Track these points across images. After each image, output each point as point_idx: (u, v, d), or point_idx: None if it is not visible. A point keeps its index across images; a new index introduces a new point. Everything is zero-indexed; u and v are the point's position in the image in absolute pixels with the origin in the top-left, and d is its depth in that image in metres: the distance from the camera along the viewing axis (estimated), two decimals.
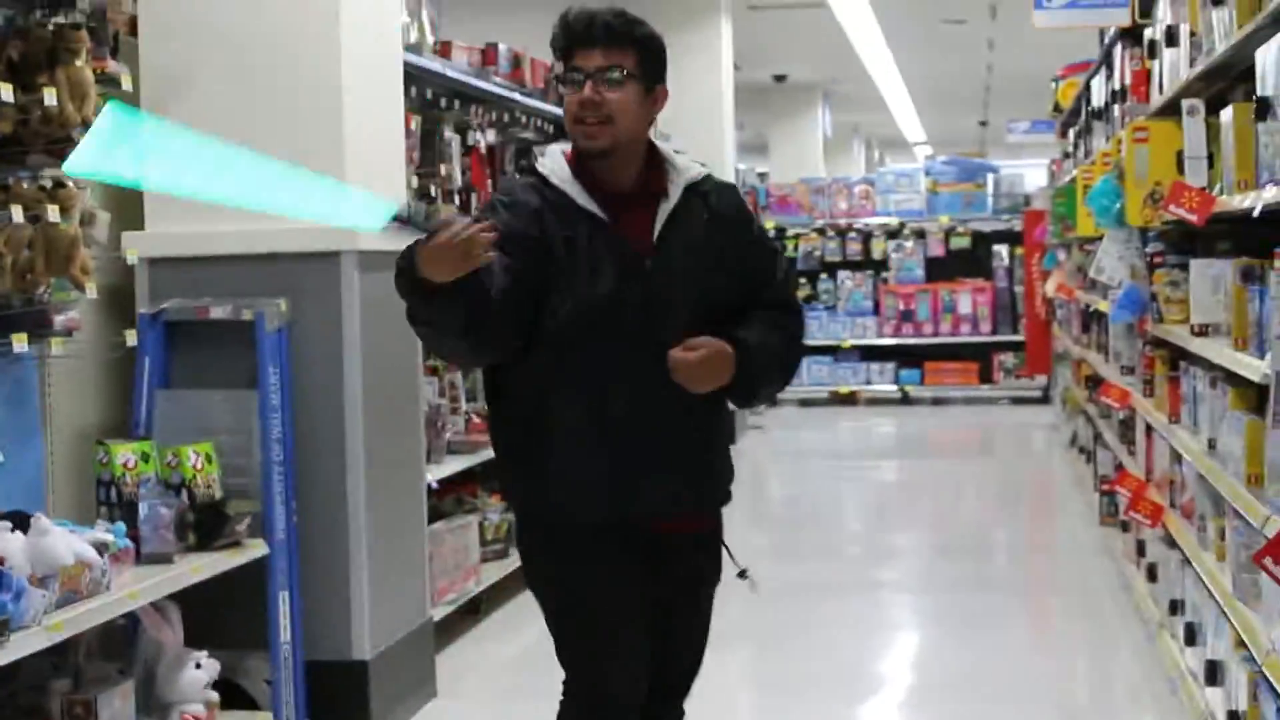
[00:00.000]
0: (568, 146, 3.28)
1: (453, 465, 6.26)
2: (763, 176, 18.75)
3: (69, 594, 3.74)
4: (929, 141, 27.48)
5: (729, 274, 3.29)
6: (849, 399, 15.83)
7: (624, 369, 3.18)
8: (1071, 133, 11.45)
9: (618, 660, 3.28)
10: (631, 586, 3.27)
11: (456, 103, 6.89)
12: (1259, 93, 3.91)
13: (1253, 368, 3.84)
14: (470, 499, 6.80)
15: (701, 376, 3.15)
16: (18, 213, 4.06)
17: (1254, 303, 4.03)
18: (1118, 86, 7.56)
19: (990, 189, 16.28)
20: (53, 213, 4.16)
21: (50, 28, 4.25)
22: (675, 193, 3.25)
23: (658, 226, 3.23)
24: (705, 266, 3.25)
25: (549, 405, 3.21)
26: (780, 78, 18.94)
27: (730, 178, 12.65)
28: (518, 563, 6.94)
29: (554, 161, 3.26)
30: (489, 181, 7.26)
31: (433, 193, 6.56)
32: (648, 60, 3.21)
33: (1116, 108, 7.60)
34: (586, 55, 3.16)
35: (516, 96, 7.39)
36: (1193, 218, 4.74)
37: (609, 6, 3.24)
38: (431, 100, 6.66)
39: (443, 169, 6.65)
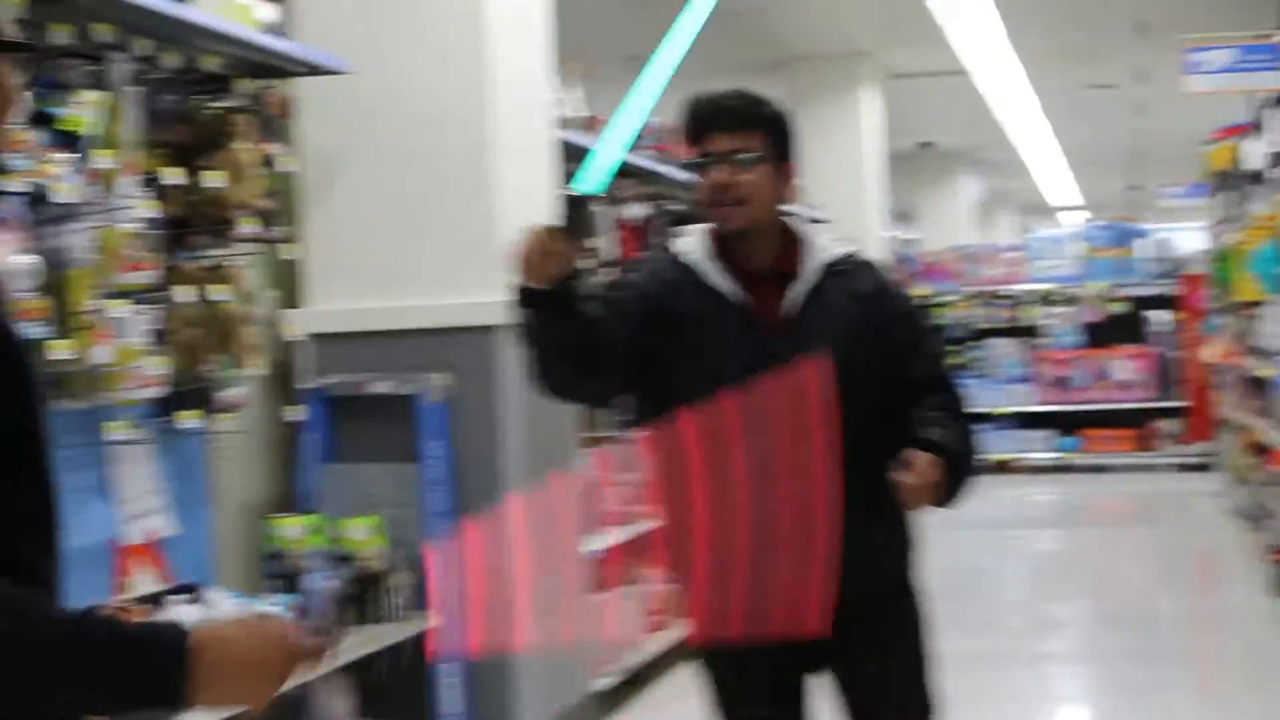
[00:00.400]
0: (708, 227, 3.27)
1: (611, 537, 6.25)
2: (911, 244, 18.66)
3: None
4: (1076, 206, 27.19)
5: (870, 353, 3.19)
6: (1003, 467, 15.62)
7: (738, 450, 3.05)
8: (1224, 197, 11.27)
9: None
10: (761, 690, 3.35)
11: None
12: None
13: None
14: (631, 569, 6.78)
15: (927, 497, 3.07)
16: (185, 292, 4.14)
17: None
18: (1275, 150, 7.43)
19: (1143, 254, 16.04)
20: (218, 292, 4.25)
21: (213, 112, 4.36)
22: (810, 273, 3.21)
23: (786, 308, 3.19)
24: (841, 349, 3.12)
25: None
26: (926, 145, 18.88)
27: (878, 246, 12.61)
28: (678, 634, 6.91)
29: (694, 240, 3.26)
30: (639, 253, 7.29)
31: (584, 266, 6.59)
32: (776, 139, 3.21)
33: (1274, 172, 7.47)
34: (716, 139, 3.16)
35: (665, 169, 7.43)
36: None
37: (737, 90, 3.26)
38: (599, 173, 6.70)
39: (595, 242, 6.69)
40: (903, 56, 12.85)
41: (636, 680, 6.55)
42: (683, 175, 7.60)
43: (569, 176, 5.95)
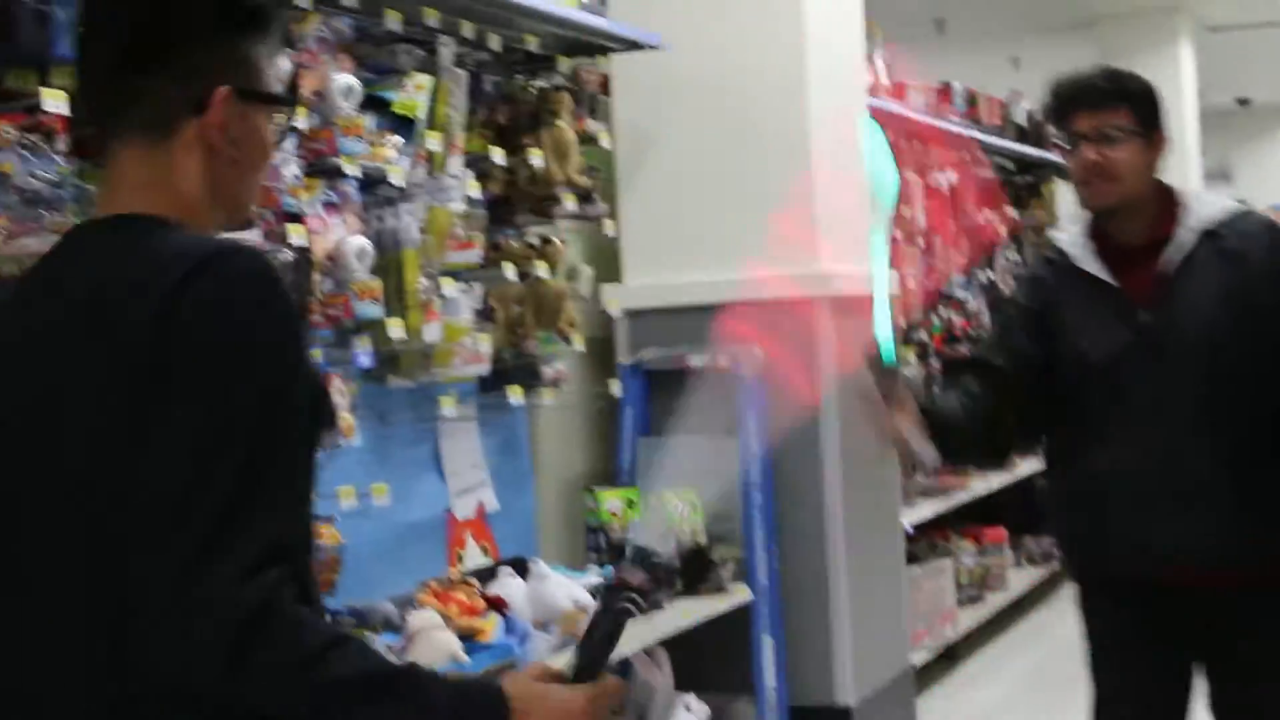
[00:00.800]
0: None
1: (926, 509, 6.19)
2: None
3: (567, 638, 3.83)
4: None
5: (1258, 325, 3.09)
6: None
7: (1127, 432, 3.12)
8: None
9: None
10: (1136, 655, 3.23)
11: (915, 143, 6.83)
12: None
13: None
14: (944, 543, 6.70)
15: None
16: (508, 270, 4.22)
17: None
18: None
19: None
20: (541, 269, 4.32)
21: (533, 92, 4.43)
22: (1183, 239, 3.13)
23: (1160, 276, 3.13)
24: (1220, 320, 3.08)
25: (1063, 461, 3.30)
26: (1244, 101, 18.14)
27: None
28: (993, 608, 6.80)
29: (1072, 225, 3.35)
30: (951, 222, 7.17)
31: (897, 237, 6.51)
32: (1142, 112, 3.19)
33: None
34: (1082, 118, 3.17)
35: (975, 134, 7.29)
36: None
37: (1100, 67, 3.32)
38: (892, 142, 6.61)
39: (904, 211, 6.60)
40: (1219, 8, 12.34)
41: (951, 656, 6.48)
42: (990, 139, 7.46)
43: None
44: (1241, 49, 14.28)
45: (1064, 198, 8.54)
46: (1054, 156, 8.41)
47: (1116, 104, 3.16)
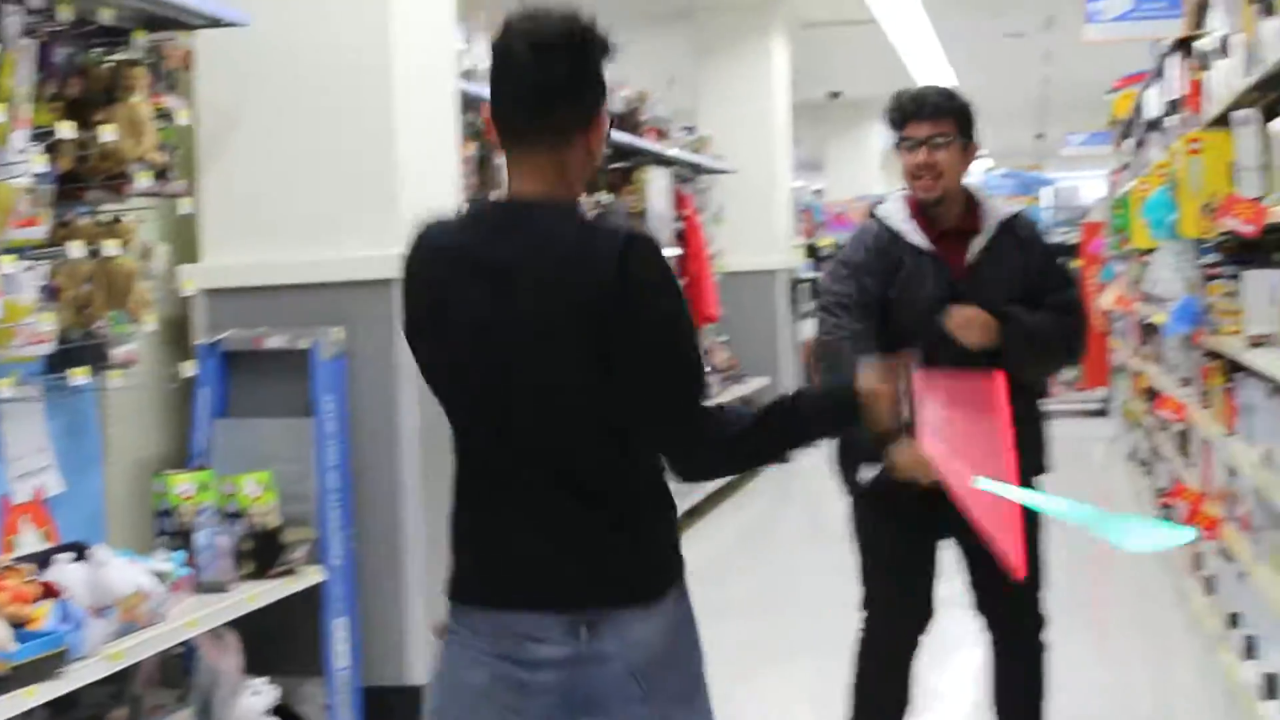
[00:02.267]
0: (903, 193, 4.21)
1: None
2: (819, 194, 18.74)
3: (128, 623, 3.80)
4: (986, 155, 27.39)
5: (1028, 290, 4.13)
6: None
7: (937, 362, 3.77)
8: (1127, 144, 11.40)
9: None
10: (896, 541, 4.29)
11: None
12: None
13: None
14: None
15: (972, 329, 3.97)
16: (77, 248, 4.12)
17: None
18: (1172, 98, 7.52)
19: (1047, 201, 16.20)
20: (111, 247, 4.23)
21: (108, 65, 4.33)
22: (986, 229, 4.16)
23: (969, 257, 4.13)
24: (1009, 288, 4.11)
25: None
26: (834, 94, 18.93)
27: (786, 195, 12.66)
28: None
29: (894, 205, 4.22)
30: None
31: None
32: (963, 124, 4.13)
33: (1171, 119, 7.57)
34: (918, 126, 4.10)
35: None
36: (1246, 229, 4.73)
37: (933, 86, 4.26)
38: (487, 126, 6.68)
39: (491, 191, 6.70)
40: (812, 5, 12.87)
41: None
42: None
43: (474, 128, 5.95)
44: (833, 44, 14.93)
45: (655, 184, 8.77)
46: (647, 143, 8.68)
47: (946, 116, 4.10)
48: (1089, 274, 15.21)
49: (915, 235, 4.14)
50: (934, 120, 4.10)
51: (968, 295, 4.08)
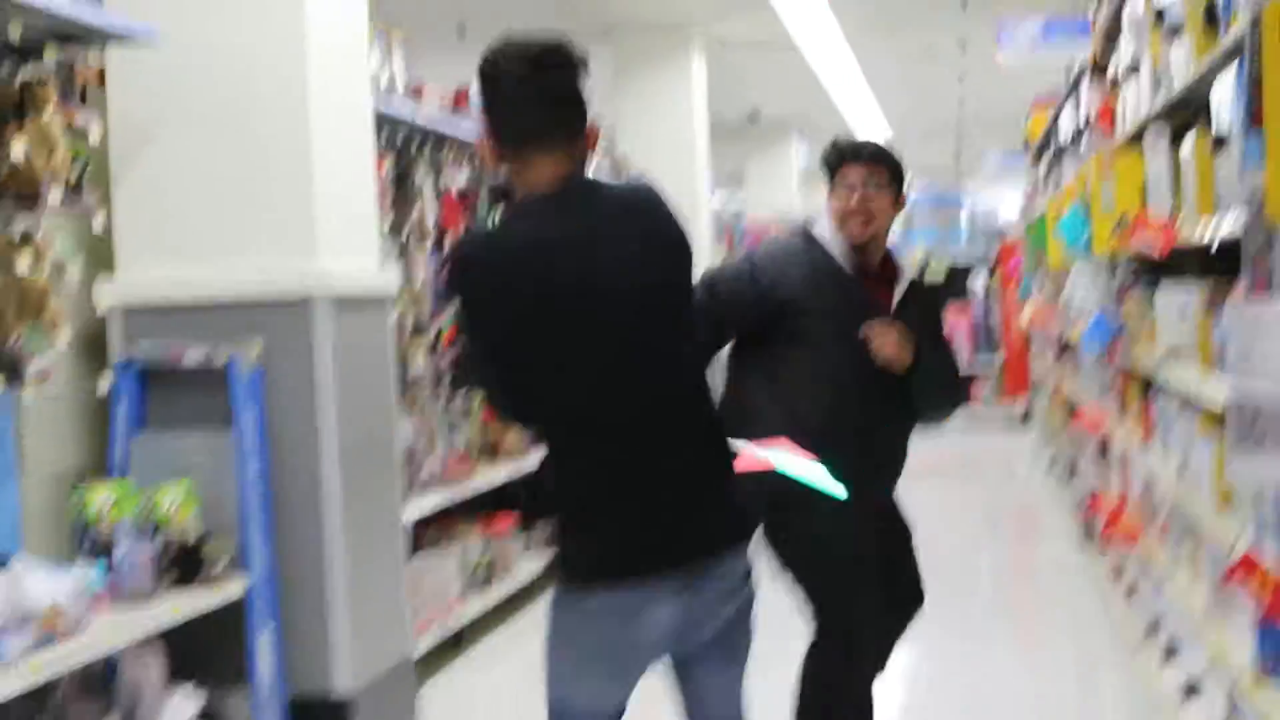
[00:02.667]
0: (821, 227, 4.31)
1: (432, 500, 6.31)
2: (738, 216, 18.85)
3: (47, 635, 3.79)
4: (908, 179, 27.61)
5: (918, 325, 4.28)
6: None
7: (856, 397, 4.19)
8: (1042, 164, 11.56)
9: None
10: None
11: (429, 146, 6.96)
12: (1214, 127, 3.96)
13: (1220, 392, 3.86)
14: (453, 534, 6.85)
15: (890, 340, 4.10)
16: None
17: (1219, 328, 4.07)
18: (1085, 119, 7.65)
19: (965, 219, 16.39)
20: (23, 263, 4.23)
21: (18, 81, 4.33)
22: (905, 277, 4.34)
23: (896, 298, 4.30)
24: (913, 326, 4.26)
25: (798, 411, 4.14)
26: (753, 114, 19.06)
27: (704, 211, 12.75)
28: (500, 595, 6.98)
29: (829, 233, 4.28)
30: (461, 224, 7.33)
31: (403, 235, 6.63)
32: (895, 175, 4.28)
33: (1084, 139, 7.69)
34: (854, 169, 4.24)
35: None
36: (1155, 249, 4.80)
37: (868, 140, 4.40)
38: (404, 144, 6.72)
39: (416, 212, 6.73)
40: (730, 26, 12.96)
41: (457, 642, 6.63)
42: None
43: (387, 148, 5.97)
44: (752, 64, 15.03)
45: None
46: None
47: (880, 163, 4.25)
48: (1007, 290, 15.40)
49: (847, 263, 4.26)
50: (870, 165, 4.25)
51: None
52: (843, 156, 4.29)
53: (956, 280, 15.12)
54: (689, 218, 3.71)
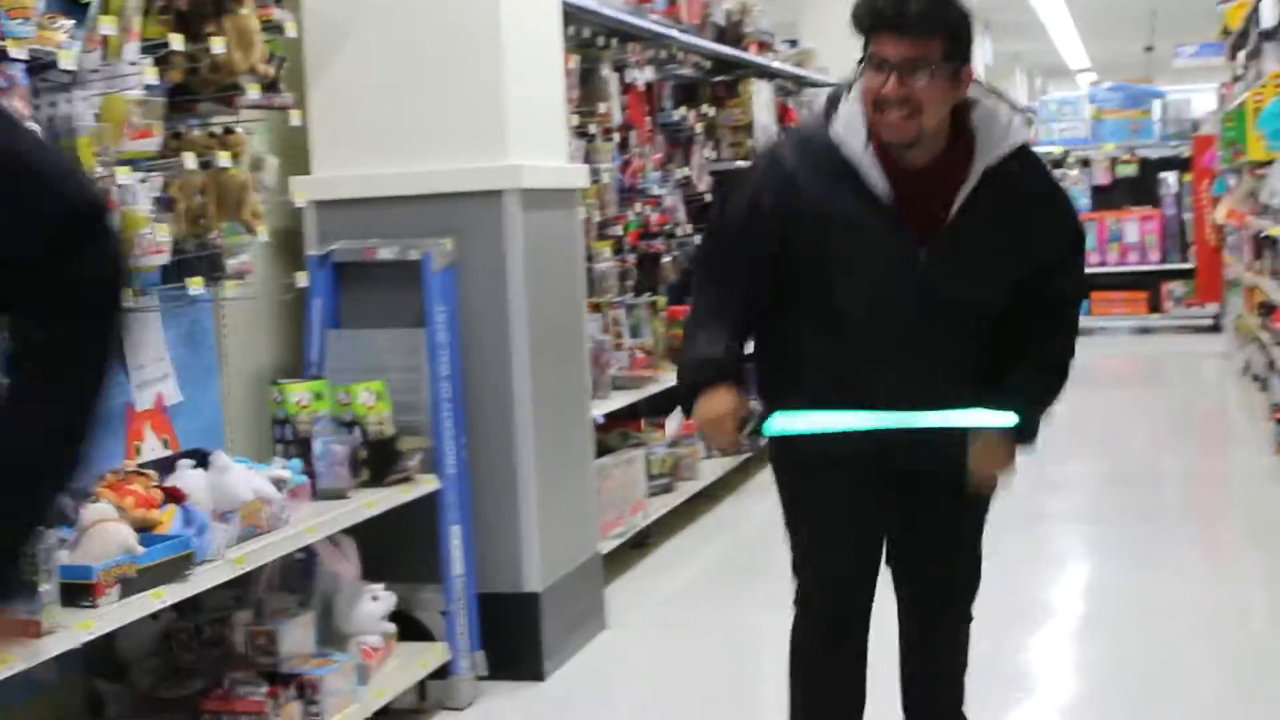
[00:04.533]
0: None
1: (618, 400, 6.31)
2: None
3: (249, 529, 3.84)
4: (1093, 68, 26.91)
5: (1020, 263, 3.20)
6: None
7: (884, 366, 3.22)
8: (1241, 55, 11.15)
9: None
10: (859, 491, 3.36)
11: (614, 40, 6.89)
12: None
13: None
14: (635, 434, 6.85)
15: (993, 481, 3.45)
16: (189, 159, 4.15)
17: None
18: None
19: (1157, 115, 15.92)
20: (223, 158, 4.26)
21: None
22: (975, 174, 3.09)
23: (951, 213, 3.10)
24: (993, 262, 3.15)
25: (802, 366, 3.30)
26: None
27: None
28: (683, 497, 6.98)
29: (849, 125, 3.11)
30: (647, 118, 7.26)
31: (591, 131, 6.58)
32: (956, 44, 3.04)
33: None
34: (894, 43, 2.99)
35: (673, 33, 7.37)
36: None
37: None
38: (589, 38, 6.67)
39: (601, 107, 6.67)
40: None
41: (641, 543, 6.64)
42: (688, 39, 7.54)
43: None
44: None
45: (760, 97, 8.69)
46: (751, 56, 8.59)
47: (934, 33, 2.99)
48: (1200, 188, 14.96)
49: (874, 175, 3.09)
50: (916, 38, 2.98)
51: (931, 272, 3.12)
52: (878, 20, 3.02)
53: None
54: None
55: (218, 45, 4.19)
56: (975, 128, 3.12)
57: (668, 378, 6.78)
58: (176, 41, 4.10)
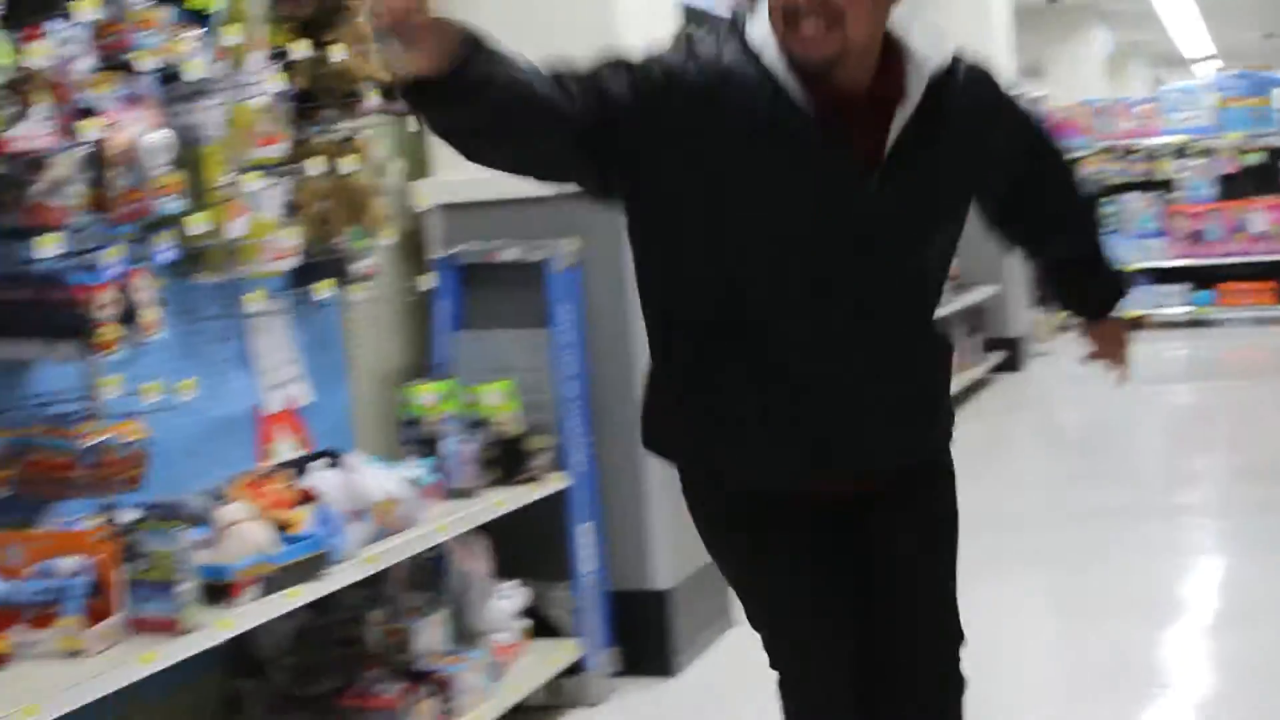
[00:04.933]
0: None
1: None
2: (1038, 100, 18.29)
3: (381, 528, 3.88)
4: (1209, 57, 26.48)
5: (980, 180, 2.69)
6: (1138, 323, 15.36)
7: (822, 327, 2.56)
8: None
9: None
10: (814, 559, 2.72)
11: None
12: None
13: None
14: None
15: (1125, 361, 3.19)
16: (315, 165, 4.20)
17: None
18: None
19: (1276, 103, 15.62)
20: (347, 164, 4.31)
21: None
22: (914, 94, 2.48)
23: (890, 139, 2.48)
24: (948, 191, 2.60)
25: (709, 359, 2.68)
26: None
27: None
28: None
29: (764, 37, 2.47)
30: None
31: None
32: None
33: None
34: None
35: None
36: None
37: None
38: None
39: None
40: None
41: None
42: None
43: None
44: None
45: None
46: None
47: None
48: None
49: (798, 93, 2.44)
50: None
51: (882, 204, 2.49)
52: None
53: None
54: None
55: (339, 52, 4.24)
56: (905, 49, 2.52)
57: None
58: (301, 49, 4.15)
